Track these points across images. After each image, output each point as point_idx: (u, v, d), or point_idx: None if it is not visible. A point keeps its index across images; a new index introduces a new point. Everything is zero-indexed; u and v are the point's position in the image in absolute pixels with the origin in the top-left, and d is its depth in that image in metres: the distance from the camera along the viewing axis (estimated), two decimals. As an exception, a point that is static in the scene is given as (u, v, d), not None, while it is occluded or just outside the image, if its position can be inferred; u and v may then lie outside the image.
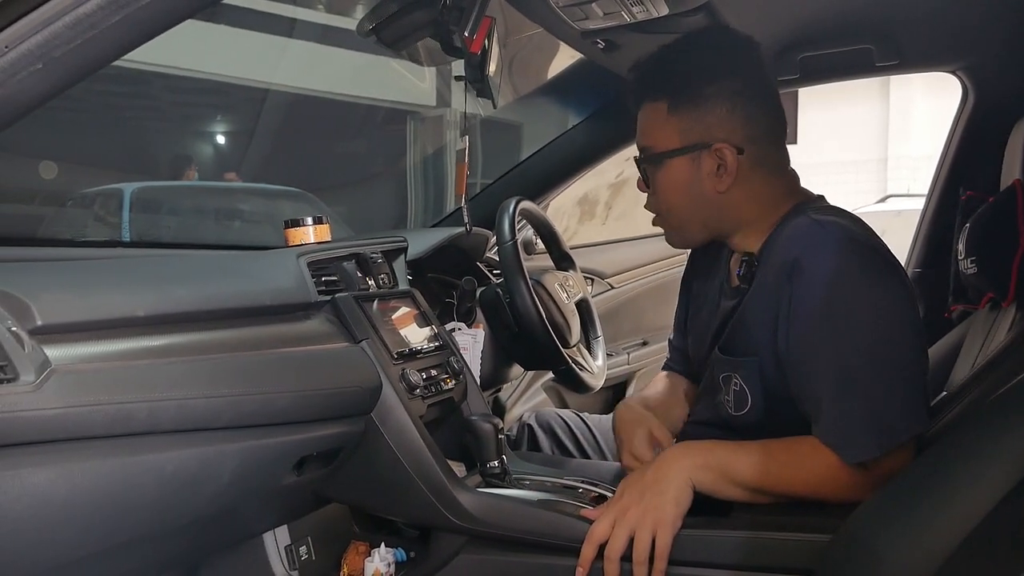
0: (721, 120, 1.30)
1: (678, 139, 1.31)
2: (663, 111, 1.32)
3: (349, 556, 1.37)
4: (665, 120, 1.32)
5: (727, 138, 1.29)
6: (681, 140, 1.31)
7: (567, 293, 1.93)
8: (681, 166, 1.32)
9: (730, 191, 1.31)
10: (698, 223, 1.37)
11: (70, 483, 0.90)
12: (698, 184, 1.32)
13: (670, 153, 1.32)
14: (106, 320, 0.99)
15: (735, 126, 1.30)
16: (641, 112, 1.37)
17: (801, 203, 1.33)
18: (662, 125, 1.33)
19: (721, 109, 1.29)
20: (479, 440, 1.36)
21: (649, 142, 1.35)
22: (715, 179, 1.30)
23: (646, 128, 1.36)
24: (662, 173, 1.34)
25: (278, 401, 1.13)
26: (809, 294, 1.19)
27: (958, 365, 1.61)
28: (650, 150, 1.35)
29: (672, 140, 1.32)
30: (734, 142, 1.29)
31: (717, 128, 1.30)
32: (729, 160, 1.29)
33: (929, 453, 1.05)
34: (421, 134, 7.87)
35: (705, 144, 1.30)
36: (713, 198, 1.32)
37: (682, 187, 1.33)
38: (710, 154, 1.30)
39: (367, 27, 1.44)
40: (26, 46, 0.82)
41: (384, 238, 1.63)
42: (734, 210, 1.33)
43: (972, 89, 2.10)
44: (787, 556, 1.12)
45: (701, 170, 1.31)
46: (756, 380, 1.29)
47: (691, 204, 1.34)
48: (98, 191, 5.33)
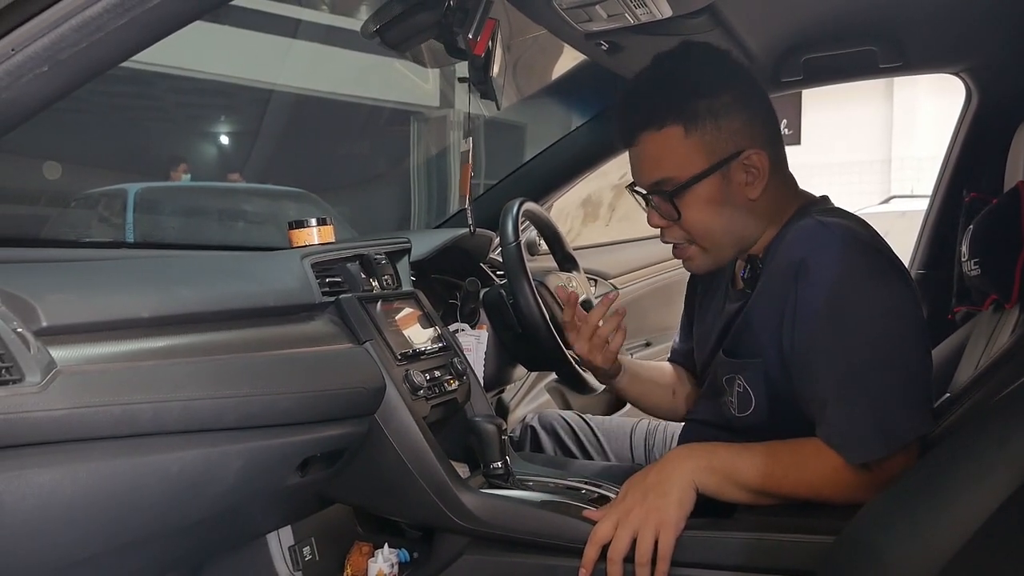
0: (743, 127, 1.27)
1: (704, 159, 1.27)
2: (679, 136, 1.27)
3: (352, 557, 1.37)
4: (684, 144, 1.27)
5: (751, 143, 1.27)
6: (708, 159, 1.27)
7: (570, 294, 1.93)
8: (713, 185, 1.27)
9: (760, 196, 1.29)
10: (733, 239, 1.32)
11: (75, 484, 0.90)
12: (731, 198, 1.28)
13: (699, 176, 1.27)
14: (111, 321, 1.00)
15: (756, 129, 1.28)
16: (645, 145, 1.30)
17: (805, 205, 1.33)
18: (682, 150, 1.27)
19: (740, 115, 1.27)
20: (482, 441, 1.36)
21: (669, 172, 1.28)
22: (747, 188, 1.28)
23: (661, 158, 1.29)
24: (691, 199, 1.28)
25: (282, 402, 1.13)
26: (814, 295, 1.19)
27: (961, 367, 1.61)
28: (673, 181, 1.28)
29: (698, 162, 1.27)
30: (759, 145, 1.28)
31: (740, 136, 1.27)
32: (759, 164, 1.27)
33: (933, 455, 1.04)
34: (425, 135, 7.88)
35: (735, 154, 1.27)
36: (746, 208, 1.29)
37: (716, 206, 1.29)
38: (739, 164, 1.27)
39: (371, 29, 1.44)
40: (32, 49, 0.83)
41: (388, 239, 1.63)
42: (762, 214, 1.31)
43: (976, 91, 2.10)
44: (790, 558, 1.12)
45: (732, 183, 1.28)
46: (760, 382, 1.29)
47: (727, 221, 1.30)
48: (102, 192, 5.34)
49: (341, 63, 7.00)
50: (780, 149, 1.33)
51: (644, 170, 1.32)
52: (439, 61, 1.59)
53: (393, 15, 1.41)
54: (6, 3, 0.84)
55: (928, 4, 1.67)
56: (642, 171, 1.33)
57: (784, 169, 1.34)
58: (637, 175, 1.34)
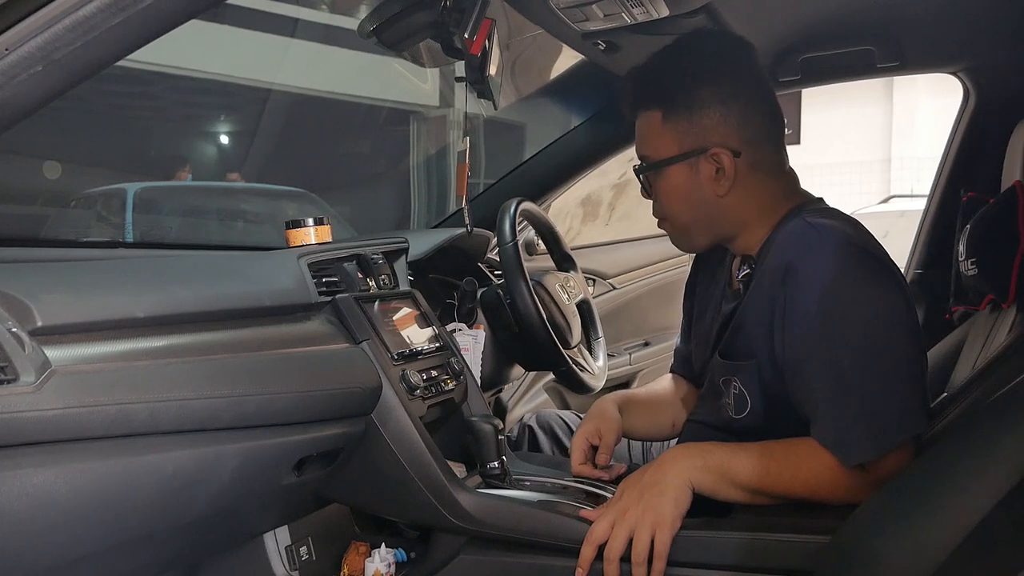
0: (716, 124, 1.29)
1: (675, 146, 1.31)
2: (658, 120, 1.32)
3: (349, 556, 1.37)
4: (661, 128, 1.32)
5: (723, 142, 1.29)
6: (678, 147, 1.31)
7: (568, 294, 1.93)
8: (680, 173, 1.32)
9: (730, 194, 1.31)
10: (701, 227, 1.36)
11: (70, 483, 0.90)
12: (698, 190, 1.32)
13: (668, 161, 1.32)
14: (107, 321, 0.99)
15: (730, 130, 1.29)
16: (638, 121, 1.37)
17: (799, 205, 1.33)
18: (658, 134, 1.33)
19: (715, 114, 1.29)
20: (479, 441, 1.36)
21: (647, 151, 1.36)
22: (714, 183, 1.30)
23: (643, 137, 1.36)
24: (662, 181, 1.35)
25: (278, 402, 1.13)
26: (803, 297, 1.19)
27: (959, 366, 1.61)
28: (649, 159, 1.35)
29: (669, 148, 1.32)
30: (731, 145, 1.29)
31: (712, 133, 1.29)
32: (727, 164, 1.29)
33: (928, 454, 1.05)
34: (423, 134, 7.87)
35: (702, 149, 1.30)
36: (713, 202, 1.32)
37: (683, 193, 1.33)
38: (707, 159, 1.29)
39: (368, 28, 1.44)
40: (26, 48, 0.82)
41: (385, 239, 1.63)
42: (735, 213, 1.33)
43: (973, 90, 2.10)
44: (786, 557, 1.12)
45: (700, 175, 1.31)
46: (755, 384, 1.29)
47: (692, 209, 1.34)
48: (101, 191, 5.34)
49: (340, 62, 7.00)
50: (765, 151, 1.33)
51: (636, 144, 1.39)
52: (437, 60, 1.59)
53: (390, 14, 1.41)
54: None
55: (926, 4, 1.67)
56: (636, 144, 1.39)
57: (771, 170, 1.34)
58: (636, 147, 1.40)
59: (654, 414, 1.57)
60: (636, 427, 1.54)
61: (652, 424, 1.57)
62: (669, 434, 1.59)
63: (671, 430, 1.58)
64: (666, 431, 1.58)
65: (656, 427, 1.57)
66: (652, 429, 1.58)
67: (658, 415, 1.57)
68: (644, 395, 1.61)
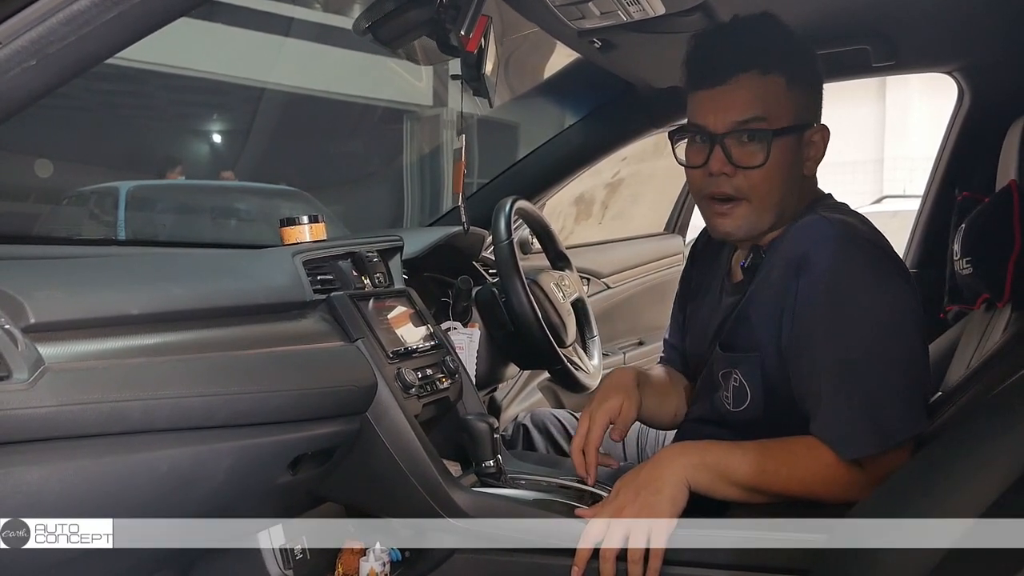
0: (815, 102, 1.32)
1: (792, 116, 1.27)
2: (782, 86, 1.26)
3: (344, 556, 1.37)
4: (784, 95, 1.26)
5: (819, 120, 1.32)
6: (795, 118, 1.27)
7: (563, 293, 1.93)
8: (789, 145, 1.27)
9: (813, 174, 1.32)
10: (779, 208, 1.30)
11: (63, 481, 0.89)
12: (798, 165, 1.30)
13: (787, 130, 1.26)
14: (100, 318, 0.99)
15: (820, 111, 1.33)
16: (743, 85, 1.26)
17: (813, 201, 1.34)
18: (780, 100, 1.26)
19: (816, 91, 1.31)
20: (474, 439, 1.36)
21: (763, 113, 1.25)
22: (808, 162, 1.31)
23: (757, 100, 1.25)
24: (772, 150, 1.25)
25: (273, 400, 1.13)
26: (814, 289, 1.19)
27: (953, 366, 1.61)
28: (763, 122, 1.25)
29: (787, 116, 1.27)
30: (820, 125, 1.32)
31: (816, 110, 1.31)
32: (821, 141, 1.31)
33: (924, 453, 1.05)
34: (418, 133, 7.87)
35: (810, 124, 1.30)
36: (800, 181, 1.31)
37: (785, 168, 1.27)
38: (812, 135, 1.30)
39: (363, 25, 1.43)
40: (20, 42, 0.82)
41: (380, 237, 1.63)
42: (803, 196, 1.33)
43: (968, 90, 2.10)
44: (782, 557, 1.12)
45: (802, 151, 1.29)
46: (756, 376, 1.29)
47: (785, 185, 1.29)
48: (94, 189, 5.32)
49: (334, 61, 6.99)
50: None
51: (735, 109, 1.26)
52: (432, 59, 1.58)
53: (385, 12, 1.40)
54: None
55: (921, 3, 1.67)
56: (731, 110, 1.26)
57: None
58: (721, 114, 1.27)
59: (662, 399, 1.54)
60: (647, 408, 1.48)
61: (659, 409, 1.53)
62: (670, 423, 1.57)
63: (672, 419, 1.56)
64: (668, 419, 1.56)
65: (661, 412, 1.53)
66: (657, 414, 1.53)
67: (665, 401, 1.54)
68: (656, 378, 1.57)
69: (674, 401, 1.56)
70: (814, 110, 1.32)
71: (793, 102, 1.27)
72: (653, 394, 1.50)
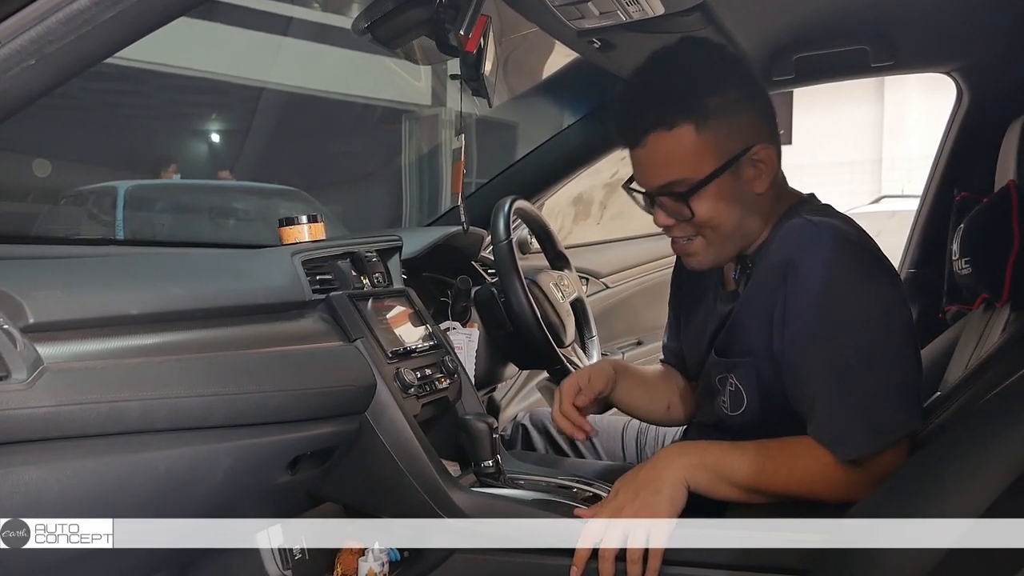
0: (751, 121, 1.27)
1: (715, 157, 1.24)
2: (691, 135, 1.23)
3: (343, 556, 1.36)
4: (696, 142, 1.23)
5: (759, 138, 1.27)
6: (719, 157, 1.24)
7: (562, 292, 1.93)
8: (724, 183, 1.25)
9: (767, 190, 1.29)
10: (740, 234, 1.30)
11: (62, 481, 0.89)
12: (741, 194, 1.27)
13: (713, 175, 1.24)
14: (99, 318, 0.99)
15: (762, 124, 1.28)
16: (655, 145, 1.25)
17: (795, 204, 1.33)
18: (694, 149, 1.24)
19: (748, 111, 1.26)
20: (473, 439, 1.36)
21: (682, 173, 1.25)
22: (757, 182, 1.28)
23: (673, 158, 1.25)
24: (703, 197, 1.25)
25: (272, 400, 1.13)
26: (803, 293, 1.19)
27: (952, 366, 1.61)
28: (687, 181, 1.24)
29: (710, 160, 1.24)
30: (764, 139, 1.27)
31: (748, 131, 1.26)
32: (766, 158, 1.27)
33: (923, 453, 1.05)
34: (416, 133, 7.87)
35: (744, 151, 1.26)
36: (754, 201, 1.29)
37: (728, 202, 1.26)
38: (748, 160, 1.26)
39: (362, 25, 1.43)
40: (19, 42, 0.82)
41: (379, 237, 1.63)
42: (766, 207, 1.31)
43: (967, 90, 2.10)
44: (782, 557, 1.12)
45: (741, 179, 1.26)
46: (752, 381, 1.29)
47: (737, 217, 1.28)
48: (92, 189, 5.33)
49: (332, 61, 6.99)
50: (779, 140, 1.32)
51: (654, 172, 1.28)
52: (431, 58, 1.58)
53: (384, 11, 1.40)
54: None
55: (920, 3, 1.67)
56: (651, 173, 1.28)
57: (780, 165, 1.34)
58: (645, 176, 1.30)
59: (648, 390, 1.55)
60: (629, 398, 1.50)
61: (645, 400, 1.54)
62: (663, 417, 1.58)
63: (665, 413, 1.57)
64: (660, 412, 1.56)
65: (649, 404, 1.55)
66: (645, 405, 1.54)
67: (652, 393, 1.55)
68: (639, 369, 1.59)
69: (665, 395, 1.56)
70: (750, 131, 1.26)
71: (710, 143, 1.24)
72: (636, 384, 1.52)
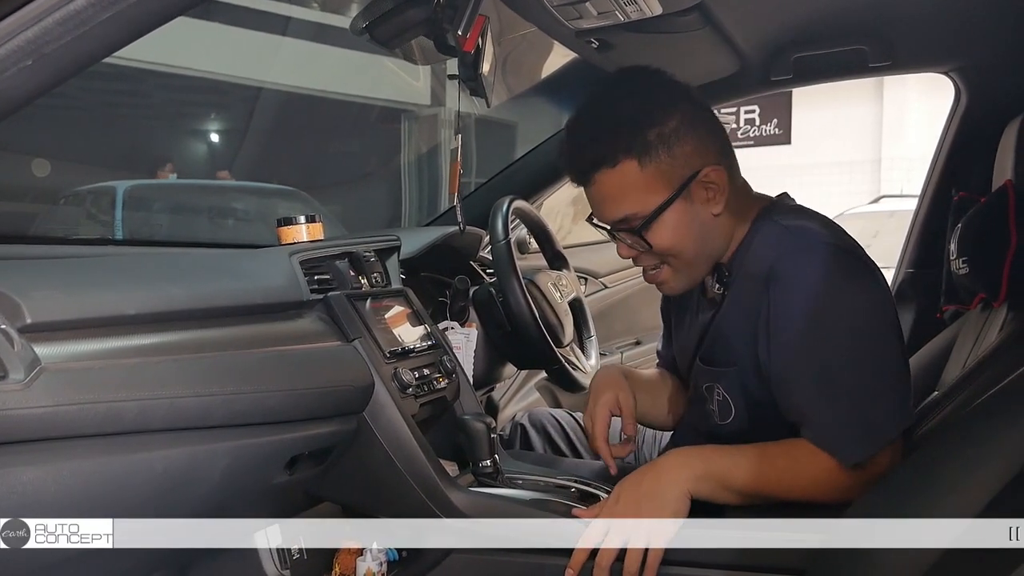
0: (695, 147, 1.25)
1: (664, 187, 1.25)
2: (634, 169, 1.24)
3: (341, 556, 1.36)
4: (641, 176, 1.24)
5: (706, 160, 1.26)
6: (668, 186, 1.25)
7: (560, 292, 1.93)
8: (678, 210, 1.25)
9: (724, 209, 1.28)
10: (705, 255, 1.31)
11: (59, 482, 0.89)
12: (697, 218, 1.27)
13: (663, 206, 1.25)
14: (97, 318, 0.99)
15: (707, 146, 1.26)
16: (601, 183, 1.27)
17: (767, 207, 1.33)
18: (640, 183, 1.24)
19: (690, 136, 1.25)
20: (472, 439, 1.36)
21: (632, 208, 1.26)
22: (710, 204, 1.27)
23: (621, 195, 1.26)
24: (659, 228, 1.26)
25: (270, 400, 1.12)
26: (787, 301, 1.19)
27: (949, 365, 1.62)
28: (638, 215, 1.26)
29: (658, 191, 1.25)
30: (713, 161, 1.26)
31: (694, 156, 1.25)
32: (717, 179, 1.26)
33: (920, 453, 1.05)
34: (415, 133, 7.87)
35: (692, 176, 1.25)
36: (711, 223, 1.28)
37: (685, 228, 1.27)
38: (699, 184, 1.25)
39: (360, 25, 1.43)
40: (16, 42, 0.82)
41: (377, 237, 1.63)
42: (726, 226, 1.30)
43: (965, 90, 2.10)
44: (780, 557, 1.12)
45: (695, 203, 1.26)
46: (738, 390, 1.30)
47: (697, 240, 1.28)
48: (91, 189, 5.32)
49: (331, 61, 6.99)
50: (732, 158, 1.32)
51: (605, 208, 1.29)
52: (429, 58, 1.58)
53: (382, 11, 1.40)
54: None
55: (919, 3, 1.67)
56: (604, 209, 1.30)
57: (738, 175, 1.33)
58: (599, 213, 1.31)
59: (655, 396, 1.55)
60: (641, 404, 1.49)
61: (652, 407, 1.54)
62: (670, 422, 1.58)
63: (671, 419, 1.57)
64: (665, 418, 1.56)
65: (655, 411, 1.55)
66: (651, 412, 1.54)
67: (658, 399, 1.55)
68: (646, 376, 1.58)
69: (668, 400, 1.57)
70: (696, 156, 1.25)
71: (656, 175, 1.24)
72: (644, 391, 1.51)
